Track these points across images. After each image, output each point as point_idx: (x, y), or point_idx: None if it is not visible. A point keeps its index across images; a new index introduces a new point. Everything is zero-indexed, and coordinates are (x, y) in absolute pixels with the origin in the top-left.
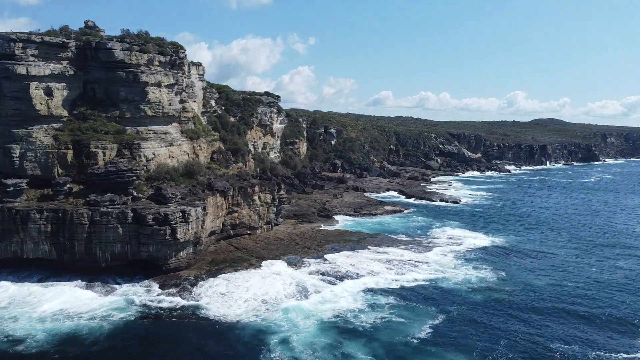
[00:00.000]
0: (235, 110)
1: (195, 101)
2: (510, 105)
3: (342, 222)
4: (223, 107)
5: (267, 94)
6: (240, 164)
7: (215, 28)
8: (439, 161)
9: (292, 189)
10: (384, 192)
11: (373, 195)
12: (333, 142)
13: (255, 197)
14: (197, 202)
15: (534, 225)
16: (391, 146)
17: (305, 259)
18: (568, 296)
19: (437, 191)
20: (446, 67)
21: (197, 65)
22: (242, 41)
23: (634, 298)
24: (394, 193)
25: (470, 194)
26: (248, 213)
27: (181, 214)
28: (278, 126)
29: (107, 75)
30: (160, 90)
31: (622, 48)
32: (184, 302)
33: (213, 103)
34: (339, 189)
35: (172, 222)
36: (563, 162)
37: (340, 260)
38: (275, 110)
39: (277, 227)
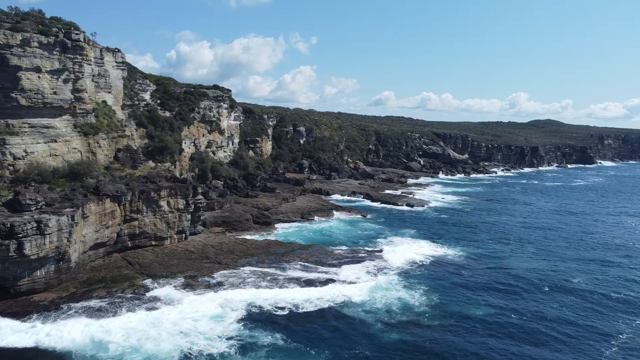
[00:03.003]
0: (173, 104)
1: (110, 92)
2: (512, 107)
3: (282, 230)
4: (159, 101)
5: (215, 87)
6: (168, 164)
7: (216, 27)
8: (422, 162)
9: (232, 192)
10: (349, 195)
11: (335, 198)
12: (302, 141)
13: (163, 203)
14: (67, 209)
15: (500, 235)
16: (370, 146)
17: (204, 279)
18: (500, 341)
19: (407, 194)
20: (448, 68)
21: (114, 51)
22: (243, 40)
23: (584, 322)
24: (360, 197)
25: (442, 198)
26: (152, 221)
27: (35, 225)
28: (231, 122)
29: None
30: (39, 77)
31: (624, 50)
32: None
33: (146, 96)
34: (293, 191)
35: (20, 235)
36: (556, 164)
37: (248, 280)
38: (225, 105)
39: (193, 236)
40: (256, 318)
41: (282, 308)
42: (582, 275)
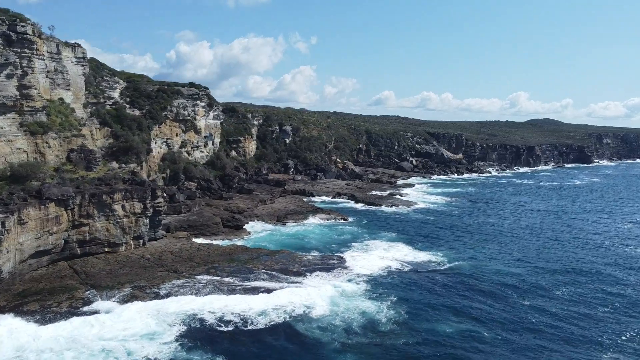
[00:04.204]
0: (143, 102)
1: (68, 89)
2: (512, 106)
3: (254, 234)
4: (128, 99)
5: (191, 84)
6: (133, 165)
7: (216, 27)
8: (414, 162)
9: (205, 194)
10: (333, 196)
11: (318, 199)
12: (287, 141)
13: (117, 207)
14: None
15: (485, 238)
16: (360, 145)
17: (152, 290)
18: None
19: (394, 195)
20: (449, 67)
21: (74, 46)
22: (243, 40)
23: (565, 340)
24: (344, 198)
25: (431, 199)
26: (105, 226)
27: None
28: (209, 122)
29: None
30: None
31: (625, 49)
32: None
33: (115, 94)
34: (272, 193)
35: None
36: (553, 163)
37: (202, 290)
38: (201, 104)
39: (153, 242)
40: (197, 335)
41: (229, 323)
42: (566, 286)
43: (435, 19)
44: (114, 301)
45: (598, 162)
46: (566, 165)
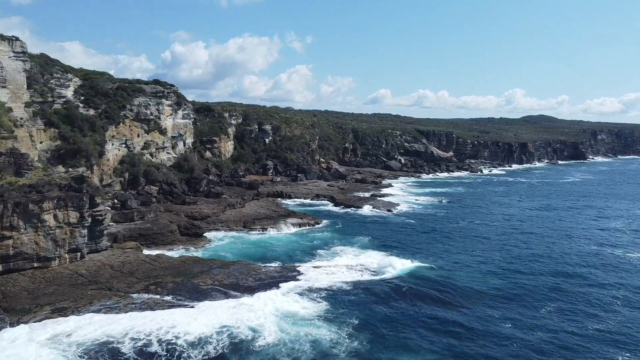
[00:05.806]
0: (100, 101)
1: (4, 87)
2: (508, 103)
3: (215, 242)
4: (82, 98)
5: (156, 82)
6: (82, 169)
7: (211, 26)
8: (403, 161)
9: (167, 199)
10: (312, 198)
11: (295, 202)
12: (267, 141)
13: (47, 217)
14: None
15: (468, 244)
16: (346, 144)
17: (72, 314)
18: None
19: (377, 197)
20: (445, 65)
21: (11, 40)
22: (238, 40)
23: None
24: (324, 200)
25: (416, 200)
26: (33, 239)
27: None
28: (178, 121)
29: None
30: None
31: (621, 45)
32: None
33: (67, 92)
34: (244, 196)
35: None
36: (547, 160)
37: (132, 312)
38: (167, 102)
39: (95, 254)
40: None
41: (152, 357)
42: (553, 302)
43: (433, 17)
44: (24, 328)
45: (593, 158)
46: (560, 162)
